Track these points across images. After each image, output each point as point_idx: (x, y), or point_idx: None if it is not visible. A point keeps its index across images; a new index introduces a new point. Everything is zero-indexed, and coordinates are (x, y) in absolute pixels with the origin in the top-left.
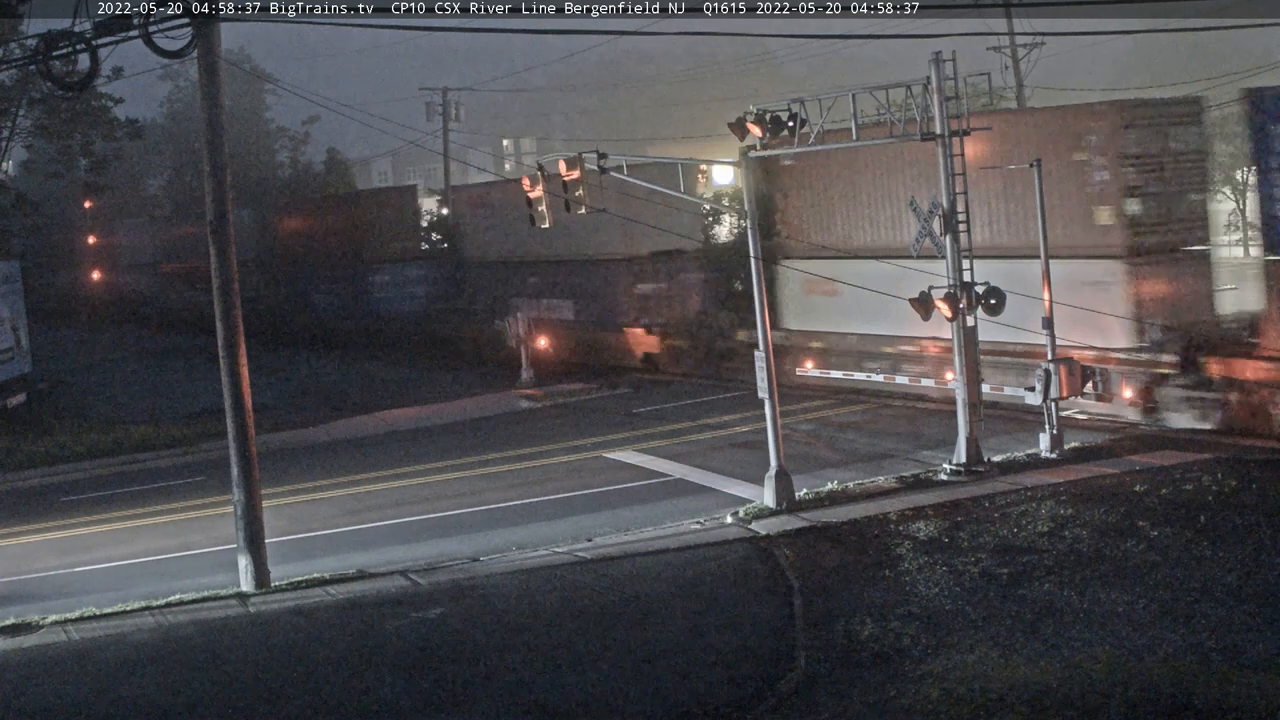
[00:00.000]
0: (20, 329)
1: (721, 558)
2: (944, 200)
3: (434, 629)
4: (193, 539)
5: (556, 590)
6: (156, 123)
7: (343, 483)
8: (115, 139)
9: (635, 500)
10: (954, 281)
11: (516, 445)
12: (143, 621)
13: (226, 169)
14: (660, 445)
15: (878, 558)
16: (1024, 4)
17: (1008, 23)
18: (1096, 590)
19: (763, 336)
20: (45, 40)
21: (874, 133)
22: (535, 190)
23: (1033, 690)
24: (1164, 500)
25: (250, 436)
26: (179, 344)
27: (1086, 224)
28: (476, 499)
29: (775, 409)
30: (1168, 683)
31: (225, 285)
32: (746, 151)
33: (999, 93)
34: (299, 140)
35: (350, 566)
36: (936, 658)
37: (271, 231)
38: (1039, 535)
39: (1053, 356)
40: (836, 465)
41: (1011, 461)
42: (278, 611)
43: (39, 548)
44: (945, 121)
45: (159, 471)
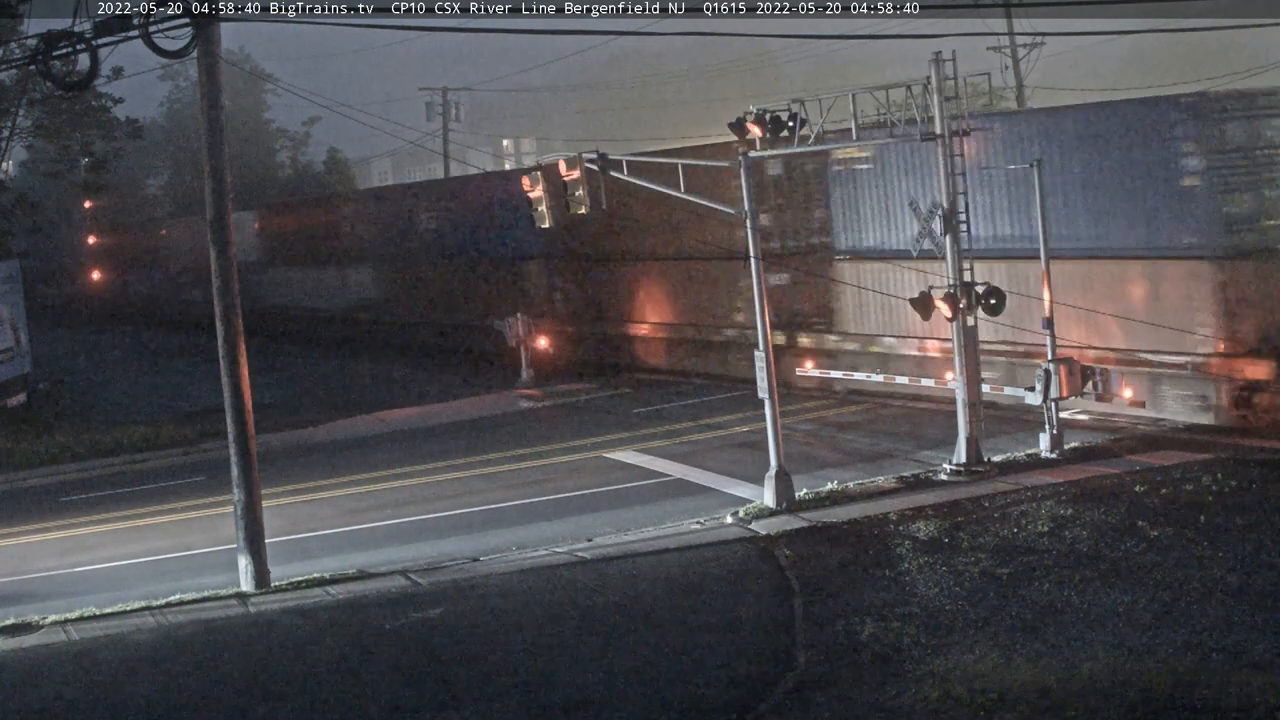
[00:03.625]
0: (20, 329)
1: (721, 558)
2: (944, 200)
3: (434, 629)
4: (193, 539)
5: (556, 590)
6: (156, 123)
7: (343, 483)
8: (115, 139)
9: (635, 500)
10: (954, 281)
11: (516, 445)
12: (143, 621)
13: (226, 169)
14: (660, 445)
15: (878, 558)
16: (1024, 4)
17: (1008, 23)
18: (1096, 590)
19: (763, 336)
20: (45, 40)
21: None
22: (535, 190)
23: (1033, 690)
24: (1164, 500)
25: (250, 436)
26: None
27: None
28: (476, 499)
29: (775, 409)
30: (1168, 683)
31: (225, 285)
32: (746, 151)
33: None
34: (299, 140)
35: (350, 566)
36: (936, 658)
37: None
38: (1039, 535)
39: (1052, 356)
40: (836, 465)
41: (1012, 461)
42: (278, 611)
43: (39, 548)
44: (945, 121)
45: (159, 471)
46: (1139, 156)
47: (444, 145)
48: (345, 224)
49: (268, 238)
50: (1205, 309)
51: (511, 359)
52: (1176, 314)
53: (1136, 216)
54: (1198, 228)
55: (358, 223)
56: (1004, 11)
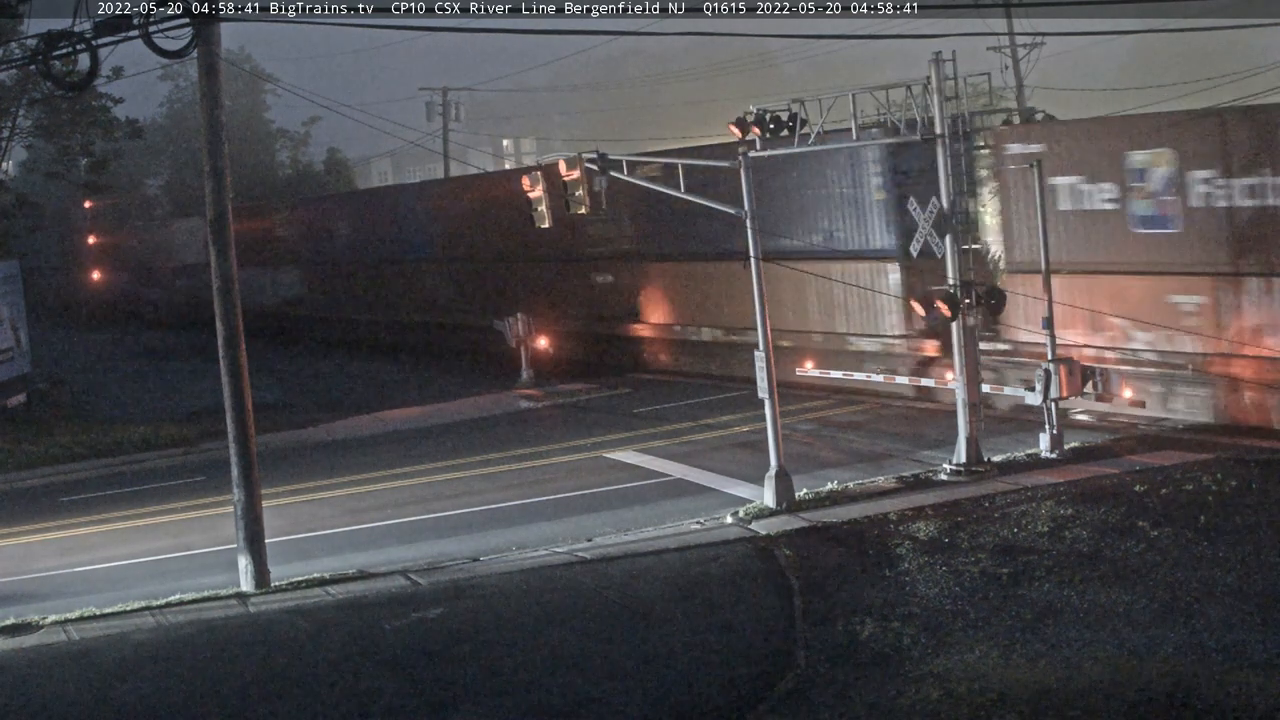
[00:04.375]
0: (20, 329)
1: (721, 558)
2: (944, 201)
3: (434, 629)
4: (193, 539)
5: (556, 590)
6: (156, 123)
7: (343, 483)
8: (115, 139)
9: (635, 500)
10: (954, 281)
11: (516, 445)
12: (143, 621)
13: (226, 169)
14: (660, 445)
15: (878, 558)
16: (1024, 4)
17: (1008, 23)
18: (1096, 590)
19: (763, 336)
20: (45, 40)
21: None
22: (535, 190)
23: (1033, 690)
24: (1164, 500)
25: (250, 436)
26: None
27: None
28: (476, 499)
29: (775, 409)
30: (1168, 683)
31: (225, 285)
32: (745, 151)
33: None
34: (299, 141)
35: (350, 566)
36: (936, 658)
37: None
38: (1039, 535)
39: (1052, 356)
40: (836, 465)
41: (1011, 462)
42: (278, 611)
43: (39, 548)
44: (945, 121)
45: (159, 471)
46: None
47: (444, 145)
48: (278, 229)
49: None
50: (891, 300)
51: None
52: (870, 303)
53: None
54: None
55: (287, 228)
56: (1004, 11)
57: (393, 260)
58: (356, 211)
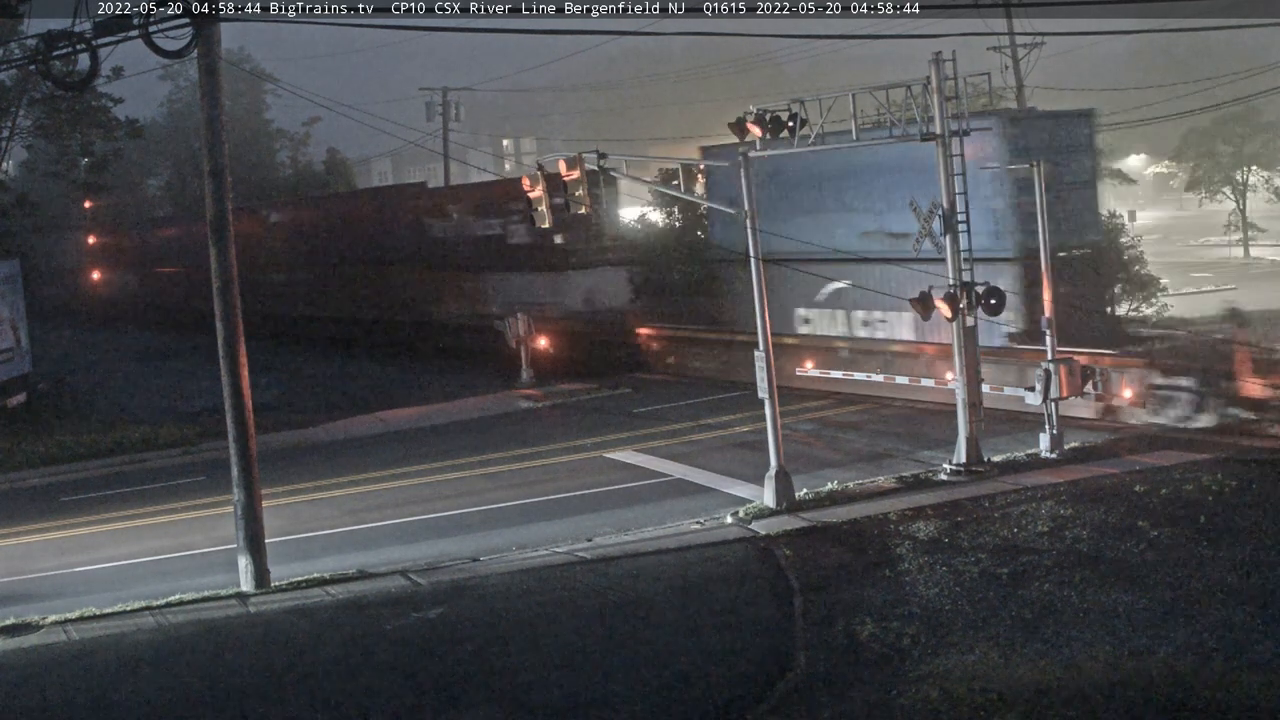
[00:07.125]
0: (20, 329)
1: (721, 558)
2: (944, 200)
3: (434, 629)
4: (193, 539)
5: (556, 590)
6: (156, 123)
7: (343, 483)
8: (115, 139)
9: (635, 500)
10: (954, 281)
11: (516, 445)
12: (143, 621)
13: (226, 169)
14: (660, 445)
15: (878, 558)
16: (1024, 4)
17: (1008, 23)
18: (1096, 590)
19: (763, 336)
20: (45, 40)
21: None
22: (535, 190)
23: (1033, 690)
24: (1164, 500)
25: (250, 436)
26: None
27: None
28: (476, 499)
29: (775, 409)
30: (1168, 683)
31: (225, 285)
32: (745, 151)
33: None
34: (299, 141)
35: (350, 566)
36: (936, 658)
37: None
38: (1039, 535)
39: (1052, 356)
40: (836, 465)
41: (1012, 461)
42: (278, 611)
43: (39, 548)
44: (945, 121)
45: (159, 471)
46: None
47: (444, 145)
48: (275, 229)
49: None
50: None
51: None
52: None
53: None
54: None
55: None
56: (1004, 11)
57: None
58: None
